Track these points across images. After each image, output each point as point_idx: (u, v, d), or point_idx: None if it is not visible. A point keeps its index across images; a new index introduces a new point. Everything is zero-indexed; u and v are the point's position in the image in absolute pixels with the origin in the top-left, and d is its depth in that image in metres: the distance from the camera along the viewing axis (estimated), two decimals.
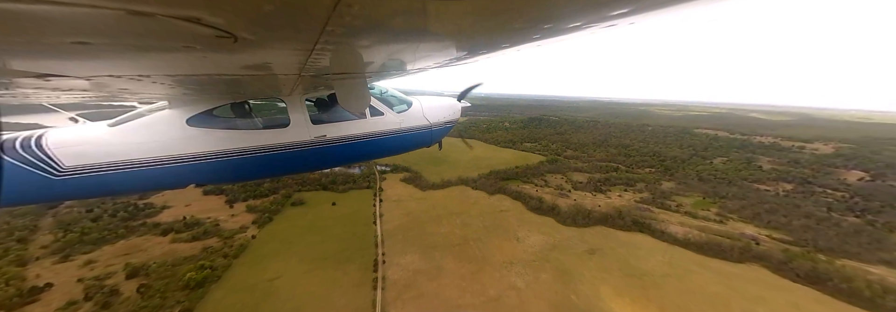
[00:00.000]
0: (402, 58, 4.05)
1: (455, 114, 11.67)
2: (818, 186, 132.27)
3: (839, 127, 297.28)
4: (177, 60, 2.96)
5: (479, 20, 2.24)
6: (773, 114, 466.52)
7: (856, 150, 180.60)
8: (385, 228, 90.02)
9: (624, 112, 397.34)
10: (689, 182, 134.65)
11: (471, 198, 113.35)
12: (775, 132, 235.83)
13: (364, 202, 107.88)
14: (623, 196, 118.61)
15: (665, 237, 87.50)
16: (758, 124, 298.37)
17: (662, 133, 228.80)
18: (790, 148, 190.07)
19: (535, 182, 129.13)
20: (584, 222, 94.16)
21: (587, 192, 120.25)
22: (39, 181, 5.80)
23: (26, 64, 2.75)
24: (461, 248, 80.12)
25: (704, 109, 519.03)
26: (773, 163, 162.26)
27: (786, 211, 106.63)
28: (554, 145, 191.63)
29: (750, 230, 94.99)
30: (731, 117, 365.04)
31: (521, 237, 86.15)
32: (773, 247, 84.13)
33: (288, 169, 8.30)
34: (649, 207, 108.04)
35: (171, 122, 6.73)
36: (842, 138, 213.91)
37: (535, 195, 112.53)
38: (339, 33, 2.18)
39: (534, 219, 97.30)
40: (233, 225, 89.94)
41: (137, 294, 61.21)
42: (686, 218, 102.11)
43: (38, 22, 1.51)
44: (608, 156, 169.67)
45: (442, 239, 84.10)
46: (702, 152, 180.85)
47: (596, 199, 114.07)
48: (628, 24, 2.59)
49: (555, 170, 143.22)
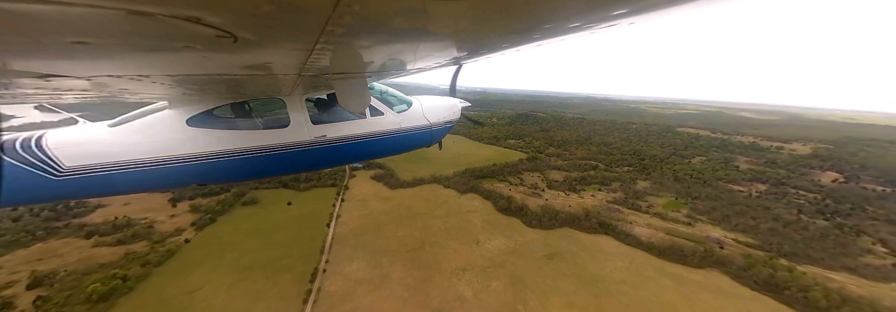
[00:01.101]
0: (402, 58, 4.05)
1: (455, 113, 11.68)
2: (792, 187, 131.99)
3: (823, 127, 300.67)
4: (177, 60, 2.96)
5: (480, 20, 2.24)
6: (761, 113, 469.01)
7: (833, 151, 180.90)
8: (338, 231, 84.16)
9: (615, 109, 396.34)
10: (665, 181, 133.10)
11: (440, 198, 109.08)
12: (758, 132, 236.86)
13: (324, 201, 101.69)
14: (596, 195, 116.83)
15: (629, 240, 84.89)
16: (743, 123, 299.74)
17: (645, 131, 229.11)
18: (769, 148, 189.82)
19: (510, 180, 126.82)
20: (550, 224, 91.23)
21: (561, 192, 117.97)
22: (39, 181, 5.80)
23: (26, 64, 2.75)
24: (415, 254, 75.37)
25: (695, 107, 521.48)
26: (750, 164, 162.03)
27: (755, 214, 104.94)
28: (537, 142, 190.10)
29: (717, 233, 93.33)
30: (719, 116, 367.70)
31: (482, 240, 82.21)
32: (736, 252, 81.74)
33: (288, 169, 8.33)
34: (620, 208, 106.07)
35: (171, 122, 6.74)
36: (821, 138, 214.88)
37: (507, 194, 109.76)
38: (339, 33, 2.18)
39: (500, 221, 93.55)
40: (169, 226, 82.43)
41: (33, 308, 54.43)
42: (655, 219, 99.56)
43: (38, 22, 1.51)
44: (589, 154, 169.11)
45: (397, 244, 79.28)
46: (682, 151, 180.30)
47: (568, 199, 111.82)
48: (628, 23, 2.59)
49: (533, 168, 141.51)
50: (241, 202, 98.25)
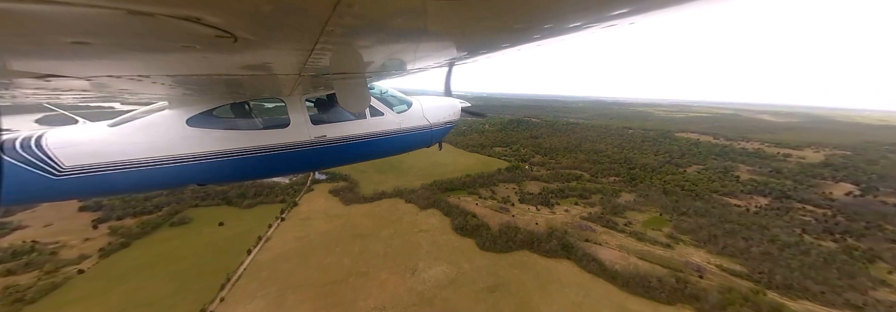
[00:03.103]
0: (402, 58, 4.06)
1: (455, 114, 11.67)
2: (798, 201, 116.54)
3: (844, 130, 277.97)
4: (177, 60, 2.97)
5: (480, 20, 2.25)
6: (781, 115, 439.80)
7: (850, 159, 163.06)
8: (258, 258, 73.97)
9: (621, 113, 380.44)
10: (651, 194, 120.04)
11: (395, 215, 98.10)
12: (772, 136, 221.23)
13: (262, 221, 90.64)
14: (571, 210, 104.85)
15: (592, 266, 73.26)
16: (756, 127, 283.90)
17: (641, 137, 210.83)
18: (775, 155, 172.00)
19: (481, 193, 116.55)
20: (507, 246, 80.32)
21: (533, 206, 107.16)
22: (39, 181, 5.81)
23: (26, 64, 2.76)
24: (333, 288, 64.72)
25: (709, 110, 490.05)
26: (752, 173, 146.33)
27: (749, 233, 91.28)
28: (524, 150, 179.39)
29: (699, 257, 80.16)
30: (732, 119, 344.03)
31: (421, 268, 71.37)
32: (716, 283, 69.62)
33: (288, 169, 8.36)
34: (592, 225, 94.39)
35: (171, 122, 6.75)
36: (839, 144, 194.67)
37: (471, 210, 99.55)
38: (339, 33, 2.19)
39: (451, 242, 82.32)
40: (75, 252, 72.36)
41: None
42: (630, 239, 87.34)
43: (38, 22, 1.51)
44: (575, 162, 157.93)
45: (317, 275, 68.85)
46: (677, 159, 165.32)
47: (538, 215, 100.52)
48: (628, 23, 2.59)
49: (510, 179, 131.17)
50: (169, 222, 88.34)
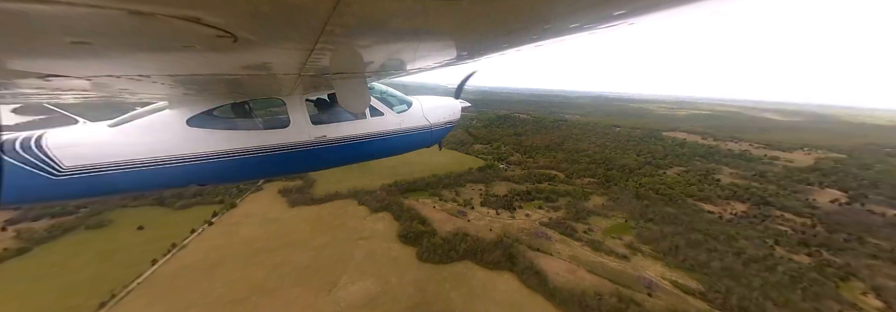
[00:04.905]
0: (402, 58, 4.07)
1: (455, 114, 11.71)
2: (777, 209, 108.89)
3: (848, 130, 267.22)
4: (177, 60, 2.97)
5: (480, 20, 2.25)
6: (787, 113, 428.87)
7: (842, 163, 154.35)
8: (160, 271, 65.98)
9: (620, 110, 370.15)
10: (623, 198, 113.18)
11: (340, 219, 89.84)
12: (766, 136, 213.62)
13: (188, 225, 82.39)
14: (532, 215, 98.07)
15: (533, 280, 67.06)
16: (755, 125, 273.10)
17: (626, 136, 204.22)
18: (761, 158, 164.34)
19: (443, 195, 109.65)
20: (449, 256, 73.48)
21: (493, 209, 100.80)
22: (39, 181, 5.81)
23: (26, 64, 2.76)
24: (229, 308, 58.40)
25: (713, 107, 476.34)
26: (735, 176, 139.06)
27: (714, 245, 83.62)
28: (506, 147, 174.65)
29: (656, 270, 74.03)
30: (732, 117, 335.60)
31: (342, 284, 63.44)
32: (665, 303, 63.06)
33: (288, 170, 8.36)
34: (550, 232, 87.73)
35: (172, 122, 6.76)
36: (834, 145, 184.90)
37: (426, 214, 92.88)
38: (339, 33, 2.19)
39: (390, 252, 74.83)
40: None
41: None
42: (585, 249, 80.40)
43: (38, 22, 1.52)
44: (553, 162, 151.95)
45: (219, 291, 60.56)
46: (660, 160, 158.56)
47: (495, 219, 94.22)
48: (628, 24, 2.60)
49: (480, 179, 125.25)
50: (85, 225, 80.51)
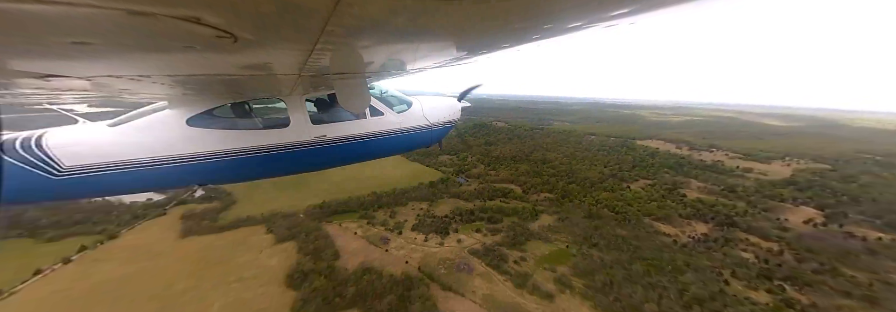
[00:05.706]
0: (402, 58, 4.08)
1: (455, 114, 11.71)
2: (743, 230, 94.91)
3: (844, 136, 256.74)
4: (177, 60, 2.97)
5: (479, 20, 2.25)
6: (785, 118, 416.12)
7: (823, 175, 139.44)
8: None
9: (611, 116, 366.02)
10: (574, 218, 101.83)
11: (230, 253, 77.33)
12: (748, 144, 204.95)
13: (41, 262, 70.12)
14: (464, 240, 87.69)
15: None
16: (744, 131, 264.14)
17: (599, 145, 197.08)
18: (733, 170, 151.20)
19: (377, 216, 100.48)
20: (329, 306, 62.74)
21: (424, 234, 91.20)
22: (39, 181, 5.81)
23: (26, 64, 2.76)
24: None
25: (709, 113, 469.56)
26: (702, 191, 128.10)
27: (658, 279, 71.60)
28: (472, 158, 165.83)
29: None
30: (724, 123, 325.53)
31: None
32: None
33: (288, 170, 8.36)
34: (475, 263, 78.05)
35: (171, 122, 6.76)
36: (820, 155, 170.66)
37: (341, 243, 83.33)
38: (339, 33, 2.19)
39: (259, 301, 62.13)
40: None
41: None
42: (507, 285, 69.54)
43: (38, 22, 1.52)
44: (513, 175, 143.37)
45: None
46: (625, 172, 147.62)
47: (420, 247, 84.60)
48: (628, 23, 2.60)
49: (426, 197, 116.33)
50: None
